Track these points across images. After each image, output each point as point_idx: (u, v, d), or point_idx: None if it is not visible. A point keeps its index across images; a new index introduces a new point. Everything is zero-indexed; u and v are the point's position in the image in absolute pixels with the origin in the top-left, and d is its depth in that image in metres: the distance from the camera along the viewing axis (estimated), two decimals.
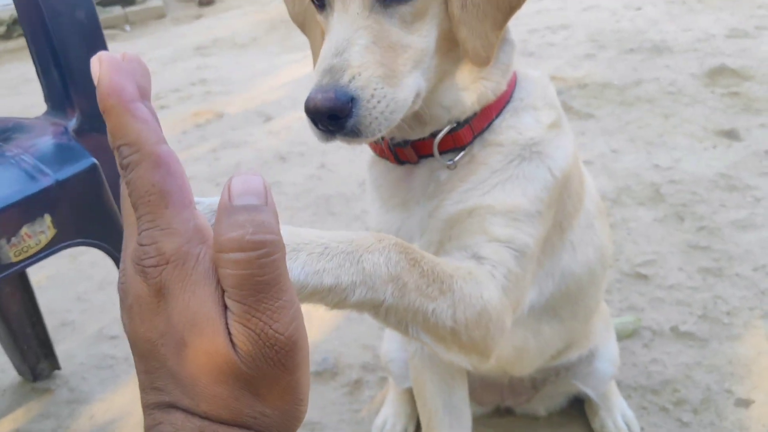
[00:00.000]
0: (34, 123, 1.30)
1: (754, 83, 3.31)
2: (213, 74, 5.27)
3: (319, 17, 1.00)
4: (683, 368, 1.77)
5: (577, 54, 4.07)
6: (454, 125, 1.01)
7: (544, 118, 1.06)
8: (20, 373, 2.00)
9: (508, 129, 1.03)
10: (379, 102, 0.86)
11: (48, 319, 2.00)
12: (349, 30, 0.88)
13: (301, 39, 4.67)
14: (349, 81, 0.84)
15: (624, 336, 1.88)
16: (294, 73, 4.90)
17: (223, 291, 0.41)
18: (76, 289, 2.47)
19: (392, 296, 0.78)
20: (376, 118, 0.86)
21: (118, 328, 2.23)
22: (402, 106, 0.90)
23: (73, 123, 1.24)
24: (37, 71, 1.31)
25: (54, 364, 1.99)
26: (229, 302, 0.40)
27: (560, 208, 1.09)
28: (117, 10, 8.25)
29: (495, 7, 0.94)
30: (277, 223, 0.43)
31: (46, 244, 1.10)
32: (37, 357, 1.94)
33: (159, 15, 8.52)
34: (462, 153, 1.02)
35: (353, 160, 3.28)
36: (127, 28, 8.06)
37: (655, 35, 4.17)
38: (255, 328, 0.40)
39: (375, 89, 0.86)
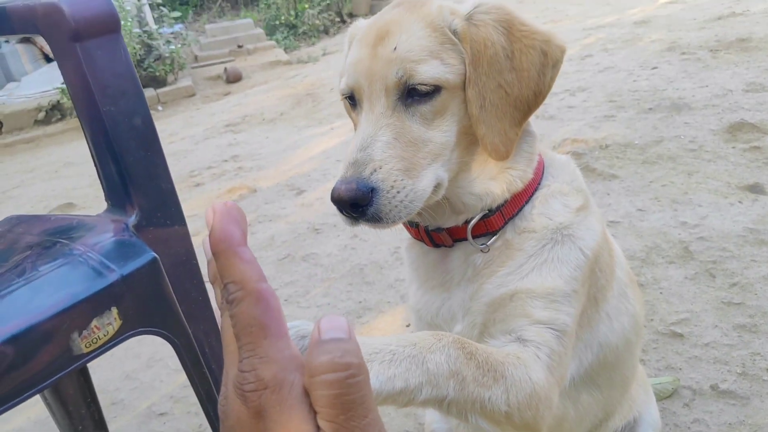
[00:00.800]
0: (96, 220, 1.41)
1: None
2: (244, 150, 5.46)
3: (353, 114, 1.13)
4: (726, 428, 1.78)
5: (596, 115, 4.17)
6: (486, 212, 1.09)
7: (572, 203, 1.13)
8: None
9: (539, 216, 1.10)
10: (398, 192, 0.96)
11: (99, 397, 2.08)
12: (374, 127, 0.99)
13: (327, 112, 4.87)
14: (371, 174, 0.95)
15: (663, 396, 1.90)
16: (322, 146, 5.06)
17: (316, 413, 0.46)
18: (123, 367, 2.56)
19: (454, 390, 0.85)
20: (396, 206, 0.96)
21: (166, 405, 2.30)
22: (421, 196, 0.99)
23: (132, 219, 1.35)
24: (97, 171, 1.43)
25: None
26: (321, 423, 0.46)
27: (593, 282, 1.15)
28: (149, 92, 8.63)
29: (513, 107, 1.03)
30: (360, 353, 0.48)
31: (113, 335, 1.19)
32: None
33: (189, 94, 8.90)
34: (494, 237, 1.10)
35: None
36: (160, 108, 8.41)
37: (673, 93, 4.27)
38: None
39: (395, 181, 0.96)
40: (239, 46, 10.91)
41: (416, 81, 0.99)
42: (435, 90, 1.01)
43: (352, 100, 1.10)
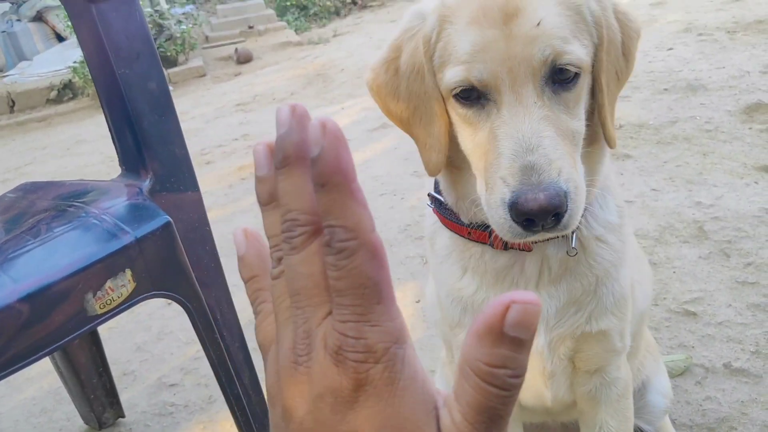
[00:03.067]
0: (111, 185, 1.41)
1: None
2: (254, 129, 5.46)
3: (462, 111, 0.95)
4: (738, 405, 1.77)
5: None
6: None
7: (618, 198, 1.13)
8: (86, 421, 2.09)
9: (603, 215, 1.09)
10: (579, 195, 0.86)
11: (111, 369, 2.09)
12: (532, 121, 0.86)
13: (338, 92, 4.82)
14: (558, 176, 0.83)
15: (676, 374, 1.89)
16: None
17: (434, 400, 0.41)
18: (134, 340, 2.58)
19: None
20: (578, 211, 0.87)
21: (176, 377, 2.31)
22: (584, 196, 0.89)
23: (146, 184, 1.35)
24: (112, 136, 1.42)
25: (119, 413, 2.07)
26: (460, 421, 0.39)
27: None
28: None
29: (614, 95, 1.00)
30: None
31: (126, 297, 1.19)
32: (103, 406, 2.03)
33: (200, 74, 8.89)
34: (574, 238, 1.05)
35: (394, 207, 3.36)
36: (171, 88, 8.40)
37: (689, 74, 4.22)
38: None
39: (576, 182, 0.86)
40: (250, 27, 10.87)
41: (564, 61, 0.88)
42: (577, 75, 0.91)
43: (464, 94, 0.93)
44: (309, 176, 0.40)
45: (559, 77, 0.90)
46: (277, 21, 11.44)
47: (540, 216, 0.82)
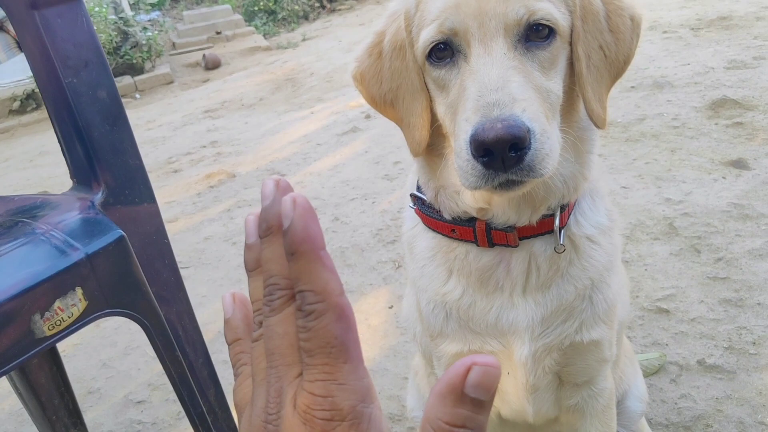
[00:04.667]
0: (61, 199, 1.34)
1: (757, 113, 3.35)
2: (223, 136, 5.38)
3: (435, 74, 0.95)
4: (713, 402, 1.76)
5: None
6: (563, 205, 1.01)
7: (607, 201, 1.10)
8: None
9: (592, 214, 1.06)
10: (548, 138, 0.82)
11: (74, 387, 2.01)
12: (500, 69, 0.84)
13: (307, 96, 4.76)
14: (521, 112, 0.80)
15: (650, 373, 1.87)
16: (302, 130, 4.99)
17: None
18: (100, 356, 2.50)
19: None
20: (547, 154, 0.82)
21: (143, 393, 2.24)
22: (556, 152, 0.85)
23: (98, 197, 1.29)
24: (62, 148, 1.36)
25: None
26: None
27: None
28: (127, 80, 8.48)
29: (608, 71, 0.96)
30: None
31: (78, 317, 1.13)
32: (66, 427, 1.95)
33: (167, 81, 8.76)
34: (562, 234, 1.01)
35: (365, 211, 3.32)
36: (137, 96, 8.27)
37: (655, 71, 4.24)
38: None
39: (543, 124, 0.82)
40: (218, 33, 10.75)
41: (537, 17, 0.87)
42: (551, 34, 0.90)
43: (438, 54, 0.93)
44: None
45: (533, 36, 0.89)
46: (245, 26, 11.33)
47: (498, 147, 0.79)
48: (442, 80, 0.94)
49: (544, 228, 1.01)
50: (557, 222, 1.00)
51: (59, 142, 1.36)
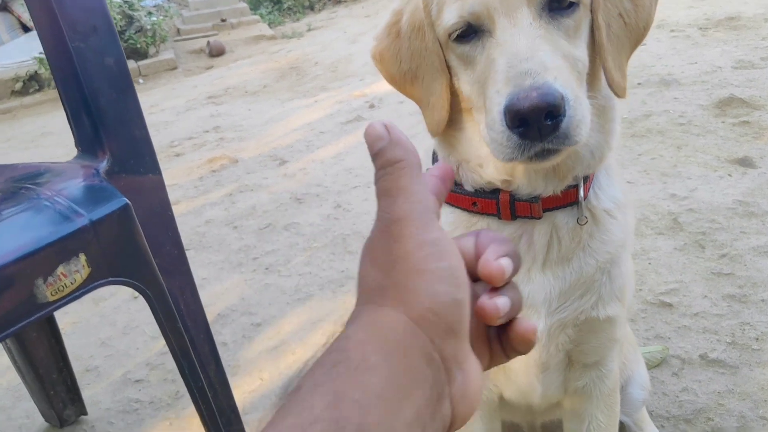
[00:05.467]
0: (65, 167, 1.32)
1: (764, 112, 3.34)
2: (226, 121, 5.35)
3: (459, 50, 0.93)
4: (715, 396, 1.75)
5: None
6: (586, 175, 1.00)
7: (620, 180, 1.09)
8: (47, 419, 1.99)
9: (610, 189, 1.05)
10: (581, 104, 0.81)
11: (73, 365, 2.00)
12: (527, 38, 0.83)
13: (311, 85, 4.74)
14: (554, 79, 0.78)
15: (653, 365, 1.86)
16: (306, 118, 4.97)
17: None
18: (99, 334, 2.48)
19: None
20: (580, 121, 0.80)
21: (142, 372, 2.23)
22: (588, 119, 0.83)
23: (104, 165, 1.27)
24: (67, 116, 1.34)
25: (81, 410, 1.98)
26: None
27: None
28: (131, 64, 8.44)
29: (627, 39, 0.94)
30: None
31: (81, 283, 1.11)
32: (64, 403, 1.94)
33: (171, 67, 8.72)
34: (583, 206, 1.00)
35: (368, 199, 3.30)
36: (141, 80, 8.23)
37: (662, 69, 4.23)
38: None
39: (576, 91, 0.81)
40: (222, 20, 10.69)
41: None
42: (573, 2, 0.88)
43: (463, 34, 0.91)
44: None
45: (556, 4, 0.87)
46: (250, 14, 11.28)
47: (534, 116, 0.77)
48: (467, 56, 0.92)
49: (567, 199, 0.99)
50: (581, 192, 0.98)
51: (65, 109, 1.34)
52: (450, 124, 1.02)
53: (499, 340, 0.56)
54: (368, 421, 0.41)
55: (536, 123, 0.77)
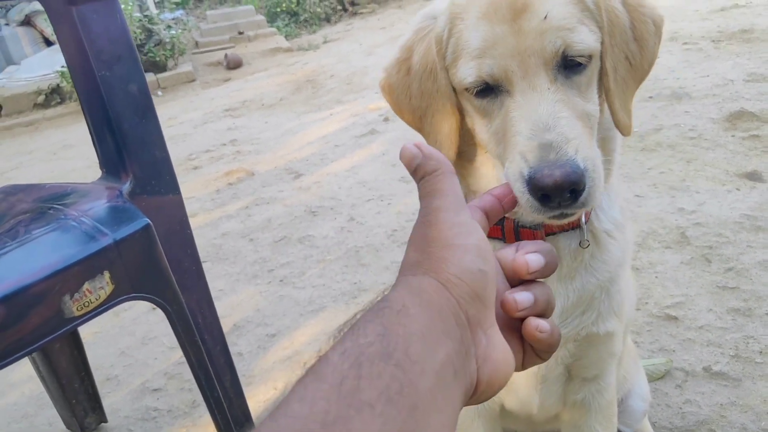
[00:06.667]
0: (90, 188, 1.40)
1: None
2: (243, 134, 5.45)
3: (477, 103, 0.96)
4: (718, 408, 1.78)
5: None
6: None
7: (621, 200, 1.14)
8: (68, 426, 2.07)
9: (610, 211, 1.09)
10: (597, 173, 0.86)
11: (94, 374, 2.08)
12: (547, 104, 0.87)
13: (327, 98, 4.81)
14: (575, 154, 0.82)
15: (656, 377, 1.90)
16: (321, 131, 5.05)
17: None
18: (118, 344, 2.56)
19: None
20: (597, 188, 0.85)
21: (160, 381, 2.30)
22: (602, 176, 0.88)
23: (126, 186, 1.35)
24: (92, 138, 1.42)
25: (101, 418, 2.06)
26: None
27: None
28: (150, 77, 8.59)
29: (632, 79, 0.99)
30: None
31: (105, 299, 1.19)
32: (85, 411, 2.02)
33: (189, 79, 8.87)
34: (586, 229, 1.05)
35: (381, 212, 3.37)
36: (159, 93, 8.38)
37: (674, 82, 4.25)
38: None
39: (594, 161, 0.86)
40: (240, 33, 10.86)
41: (574, 51, 0.90)
42: (587, 59, 0.93)
43: (483, 92, 0.95)
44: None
45: (570, 63, 0.91)
46: (267, 27, 11.44)
47: (555, 192, 0.82)
48: (484, 109, 0.96)
49: (569, 224, 1.04)
50: (583, 218, 1.03)
51: (90, 133, 1.42)
52: (461, 154, 1.06)
53: None
54: (411, 350, 0.49)
55: (558, 198, 0.83)
